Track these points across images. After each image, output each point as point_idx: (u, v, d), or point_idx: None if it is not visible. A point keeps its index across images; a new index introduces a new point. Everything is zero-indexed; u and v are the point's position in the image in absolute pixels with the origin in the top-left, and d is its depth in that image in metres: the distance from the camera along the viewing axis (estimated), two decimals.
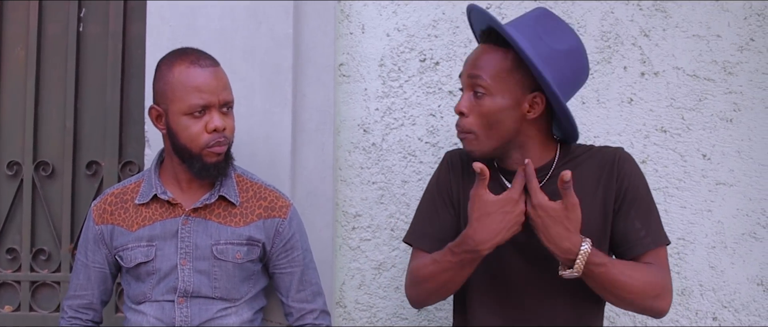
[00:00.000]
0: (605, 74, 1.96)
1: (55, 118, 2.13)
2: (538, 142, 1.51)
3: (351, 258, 1.98)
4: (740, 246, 1.93)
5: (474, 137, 1.48)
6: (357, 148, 1.99)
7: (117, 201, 1.65)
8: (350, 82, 2.00)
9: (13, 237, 2.13)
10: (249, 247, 1.62)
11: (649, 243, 1.47)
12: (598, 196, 1.49)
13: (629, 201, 1.48)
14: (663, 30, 1.96)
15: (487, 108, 1.45)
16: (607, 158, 1.51)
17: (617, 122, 1.95)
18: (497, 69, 1.45)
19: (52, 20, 2.13)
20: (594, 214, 1.48)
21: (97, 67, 2.12)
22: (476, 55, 1.50)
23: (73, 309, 1.68)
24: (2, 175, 2.13)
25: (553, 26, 1.48)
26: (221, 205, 1.63)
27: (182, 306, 1.59)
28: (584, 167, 1.51)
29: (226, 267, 1.60)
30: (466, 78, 1.49)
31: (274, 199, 1.67)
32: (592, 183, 1.50)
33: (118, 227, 1.62)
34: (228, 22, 1.88)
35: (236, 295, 1.63)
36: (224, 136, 1.56)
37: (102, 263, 1.66)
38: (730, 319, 1.93)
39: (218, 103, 1.54)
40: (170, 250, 1.59)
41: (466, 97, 1.48)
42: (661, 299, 1.44)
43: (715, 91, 1.95)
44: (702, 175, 1.94)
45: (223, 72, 1.58)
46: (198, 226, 1.60)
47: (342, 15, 2.00)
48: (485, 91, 1.45)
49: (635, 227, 1.47)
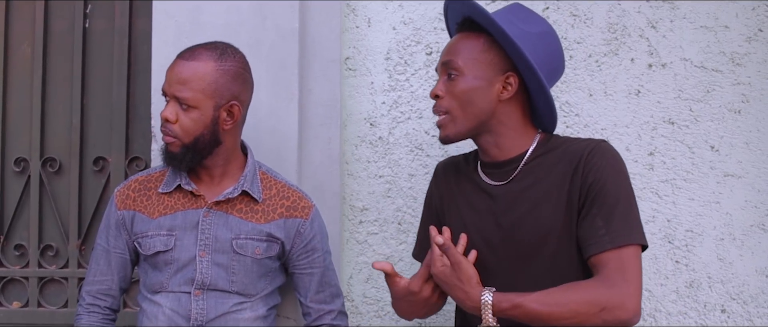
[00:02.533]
0: (612, 66, 1.95)
1: (62, 115, 2.13)
2: (512, 128, 1.50)
3: (358, 252, 1.98)
4: (749, 238, 1.93)
5: (449, 119, 1.49)
6: (364, 141, 1.99)
7: (140, 188, 1.65)
8: (356, 75, 2.00)
9: (20, 233, 2.14)
10: (268, 243, 1.63)
11: (606, 242, 1.34)
12: (564, 192, 1.42)
13: (592, 198, 1.38)
14: (670, 21, 1.95)
15: (461, 88, 1.47)
16: (579, 151, 1.43)
17: (625, 114, 1.94)
18: (470, 51, 1.48)
19: (58, 17, 2.14)
20: (558, 211, 1.42)
21: (103, 64, 2.12)
22: (450, 44, 1.53)
23: (91, 295, 1.66)
24: (9, 171, 2.13)
25: (526, 14, 1.52)
26: (244, 200, 1.63)
27: (198, 298, 1.59)
28: (554, 160, 1.46)
29: (244, 261, 1.60)
30: (440, 65, 1.52)
31: (297, 200, 1.67)
32: (559, 177, 1.43)
33: (139, 214, 1.63)
34: (234, 17, 1.88)
35: (253, 291, 1.63)
36: (169, 129, 1.54)
37: (123, 249, 1.66)
38: (739, 311, 1.92)
39: (170, 92, 1.54)
40: (190, 241, 1.59)
41: (441, 82, 1.51)
42: (610, 312, 1.30)
43: (723, 83, 1.94)
44: (710, 166, 1.93)
45: (200, 69, 1.52)
46: (219, 219, 1.60)
47: (348, 9, 1.99)
48: (458, 72, 1.47)
49: (596, 225, 1.36)
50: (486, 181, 1.53)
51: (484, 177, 1.54)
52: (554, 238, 1.43)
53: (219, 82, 1.54)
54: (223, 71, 1.54)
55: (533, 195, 1.46)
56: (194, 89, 1.52)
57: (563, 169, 1.44)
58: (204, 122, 1.54)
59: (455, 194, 1.60)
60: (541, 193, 1.45)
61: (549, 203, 1.43)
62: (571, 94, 1.95)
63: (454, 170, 1.63)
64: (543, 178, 1.46)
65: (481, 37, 1.48)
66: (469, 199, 1.56)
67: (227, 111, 1.57)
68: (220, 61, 1.55)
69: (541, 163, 1.48)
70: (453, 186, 1.61)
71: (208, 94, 1.53)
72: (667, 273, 1.92)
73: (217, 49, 1.56)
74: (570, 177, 1.42)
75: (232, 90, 1.56)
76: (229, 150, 1.63)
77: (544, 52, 1.48)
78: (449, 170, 1.65)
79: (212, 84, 1.53)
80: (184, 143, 1.55)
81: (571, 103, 1.95)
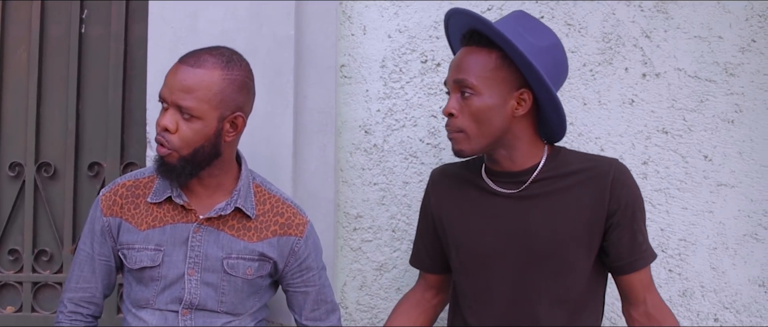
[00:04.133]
0: (606, 75, 1.96)
1: (57, 120, 2.13)
2: (525, 141, 1.52)
3: (352, 259, 1.98)
4: (742, 247, 1.93)
5: (464, 136, 1.49)
6: (358, 149, 1.99)
7: (128, 194, 1.57)
8: (352, 83, 2.00)
9: (15, 238, 2.13)
10: (260, 262, 1.57)
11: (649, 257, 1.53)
12: (585, 206, 1.48)
13: (630, 216, 1.49)
14: (664, 31, 1.95)
15: (476, 107, 1.46)
16: (604, 170, 1.50)
17: (618, 123, 1.95)
18: (483, 69, 1.46)
19: (54, 21, 2.13)
20: (579, 222, 1.48)
21: (99, 69, 2.12)
22: (460, 58, 1.50)
23: (73, 303, 1.59)
24: (4, 176, 2.13)
25: (532, 25, 1.51)
26: (236, 216, 1.55)
27: (186, 318, 1.54)
28: (572, 173, 1.51)
29: (235, 282, 1.55)
30: (451, 83, 1.50)
31: (291, 216, 1.60)
32: (582, 191, 1.50)
33: (126, 223, 1.55)
34: (229, 23, 1.89)
35: (241, 310, 1.58)
36: (166, 138, 1.43)
37: (108, 256, 1.58)
38: (732, 320, 1.93)
39: (171, 101, 1.42)
40: (178, 258, 1.53)
41: (454, 99, 1.49)
42: None
43: (717, 93, 1.95)
44: (703, 176, 1.94)
45: (205, 78, 1.42)
46: (210, 235, 1.53)
47: (343, 16, 2.00)
48: (473, 91, 1.46)
49: (638, 241, 1.51)
50: (496, 188, 1.54)
51: (493, 184, 1.54)
52: (573, 247, 1.49)
53: (225, 93, 1.44)
54: (229, 81, 1.44)
55: (551, 205, 1.49)
56: (199, 99, 1.41)
57: (587, 184, 1.49)
58: (206, 134, 1.44)
59: (458, 200, 1.60)
60: (559, 203, 1.49)
61: (569, 214, 1.48)
62: (566, 103, 1.96)
63: (455, 176, 1.64)
64: (561, 189, 1.50)
65: (492, 54, 1.46)
66: (475, 205, 1.56)
67: (231, 122, 1.47)
68: (227, 69, 1.45)
69: (555, 175, 1.51)
70: (455, 191, 1.61)
71: (214, 104, 1.43)
72: (660, 282, 1.93)
73: (223, 56, 1.46)
74: (598, 194, 1.48)
75: (238, 101, 1.47)
76: (227, 162, 1.55)
77: (553, 65, 1.49)
78: (448, 176, 1.65)
79: (218, 94, 1.43)
80: (182, 155, 1.44)
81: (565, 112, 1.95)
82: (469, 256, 1.56)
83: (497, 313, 1.53)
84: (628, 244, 1.50)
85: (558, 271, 1.50)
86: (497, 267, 1.53)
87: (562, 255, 1.49)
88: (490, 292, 1.54)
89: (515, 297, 1.52)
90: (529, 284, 1.51)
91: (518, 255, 1.51)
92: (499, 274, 1.52)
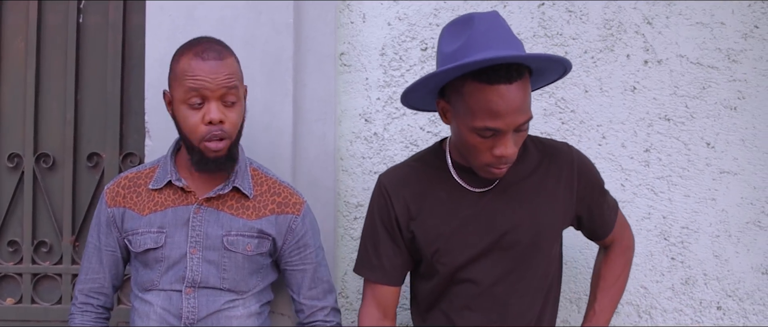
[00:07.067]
0: (608, 62, 1.94)
1: (56, 110, 2.12)
2: None
3: (353, 248, 1.97)
4: (744, 235, 1.92)
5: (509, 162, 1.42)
6: (358, 137, 1.98)
7: (130, 184, 1.64)
8: (351, 71, 1.99)
9: (14, 229, 2.13)
10: (260, 239, 1.61)
11: (614, 216, 1.65)
12: (557, 193, 1.53)
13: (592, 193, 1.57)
14: (666, 17, 1.94)
15: (524, 134, 1.41)
16: (564, 157, 1.55)
17: (620, 111, 1.94)
18: (528, 98, 1.38)
19: (51, 11, 2.13)
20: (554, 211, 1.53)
21: (97, 59, 2.11)
22: (512, 100, 1.33)
23: (83, 294, 1.66)
24: (3, 167, 2.12)
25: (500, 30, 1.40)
26: (234, 196, 1.62)
27: (190, 296, 1.58)
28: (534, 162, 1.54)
29: (235, 258, 1.59)
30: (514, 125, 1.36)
31: (288, 196, 1.66)
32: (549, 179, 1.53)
33: (129, 210, 1.62)
34: (228, 11, 1.87)
35: (244, 288, 1.62)
36: (221, 130, 1.51)
37: (114, 247, 1.65)
38: (735, 308, 1.92)
39: (215, 95, 1.50)
40: (180, 238, 1.58)
41: (511, 141, 1.38)
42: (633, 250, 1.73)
43: (719, 79, 1.93)
44: (706, 163, 1.93)
45: (231, 63, 1.53)
46: (210, 215, 1.59)
47: (343, 4, 1.98)
48: (526, 123, 1.38)
49: (604, 211, 1.62)
50: (468, 188, 1.52)
51: (464, 183, 1.52)
52: (550, 235, 1.53)
53: (240, 71, 1.59)
54: (237, 60, 1.58)
55: (527, 197, 1.51)
56: (236, 85, 1.54)
57: (552, 172, 1.53)
58: (242, 113, 1.58)
59: (430, 204, 1.53)
60: (533, 194, 1.51)
61: (544, 203, 1.52)
62: (567, 91, 1.94)
63: (416, 180, 1.55)
64: (531, 180, 1.52)
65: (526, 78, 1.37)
66: (450, 207, 1.52)
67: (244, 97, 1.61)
68: (231, 51, 1.57)
69: (521, 166, 1.51)
70: (422, 196, 1.54)
71: (241, 84, 1.58)
72: (662, 270, 1.92)
73: (220, 43, 1.57)
74: (565, 181, 1.53)
75: (241, 76, 1.61)
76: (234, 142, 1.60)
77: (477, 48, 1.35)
78: (407, 182, 1.56)
79: (239, 73, 1.58)
80: (233, 140, 1.55)
81: (566, 99, 1.94)
82: (450, 258, 1.51)
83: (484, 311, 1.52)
84: (600, 214, 1.61)
85: (539, 263, 1.53)
86: (481, 265, 1.51)
87: (540, 244, 1.52)
88: (476, 292, 1.51)
89: (501, 294, 1.51)
90: (513, 279, 1.51)
91: (499, 253, 1.50)
92: (483, 272, 1.50)
